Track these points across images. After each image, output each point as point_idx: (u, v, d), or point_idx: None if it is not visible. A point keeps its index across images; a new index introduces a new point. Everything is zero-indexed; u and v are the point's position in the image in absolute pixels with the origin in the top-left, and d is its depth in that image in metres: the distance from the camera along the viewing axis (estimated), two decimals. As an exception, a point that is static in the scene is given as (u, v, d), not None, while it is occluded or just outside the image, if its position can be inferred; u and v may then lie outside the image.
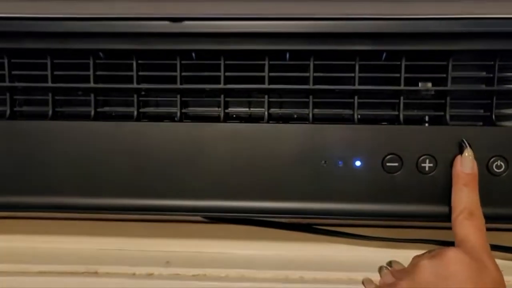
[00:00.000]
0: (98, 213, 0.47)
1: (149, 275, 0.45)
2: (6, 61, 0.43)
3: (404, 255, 0.47)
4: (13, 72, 0.43)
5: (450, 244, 0.46)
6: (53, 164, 0.43)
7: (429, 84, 0.42)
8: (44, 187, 0.43)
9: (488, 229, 0.46)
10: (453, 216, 0.38)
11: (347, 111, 0.43)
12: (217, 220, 0.48)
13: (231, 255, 0.48)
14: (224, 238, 0.48)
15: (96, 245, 0.48)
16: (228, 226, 0.48)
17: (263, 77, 0.42)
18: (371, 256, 0.47)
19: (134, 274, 0.45)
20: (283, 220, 0.48)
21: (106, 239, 0.49)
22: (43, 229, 0.49)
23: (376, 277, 0.44)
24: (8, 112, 0.43)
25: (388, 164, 0.41)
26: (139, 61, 0.43)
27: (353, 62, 0.41)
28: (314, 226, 0.47)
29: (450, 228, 0.47)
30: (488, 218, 0.42)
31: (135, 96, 0.43)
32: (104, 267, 0.46)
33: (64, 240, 0.49)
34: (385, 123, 0.43)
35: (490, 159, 0.41)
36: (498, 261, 0.45)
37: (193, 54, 0.43)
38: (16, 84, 0.43)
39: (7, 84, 0.43)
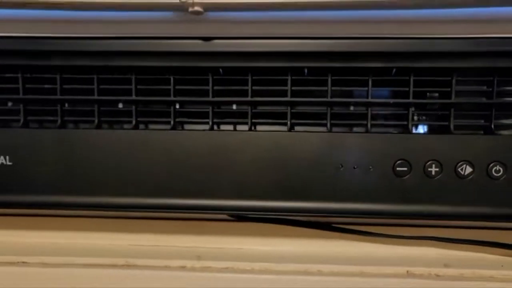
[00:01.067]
0: (138, 212, 0.52)
1: (182, 268, 0.50)
2: (58, 76, 0.48)
3: (412, 252, 0.52)
4: (64, 86, 0.49)
5: (454, 241, 0.51)
6: (97, 168, 0.48)
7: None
8: (90, 188, 0.49)
9: (488, 228, 0.51)
10: None
11: (361, 121, 0.48)
12: (243, 219, 0.53)
13: (255, 250, 0.52)
14: (249, 235, 0.53)
15: (133, 241, 0.53)
16: (253, 224, 0.53)
17: (286, 90, 0.47)
18: (382, 252, 0.52)
19: (167, 266, 0.50)
20: (302, 218, 0.53)
21: (142, 235, 0.54)
22: (85, 226, 0.54)
23: (385, 271, 0.49)
24: (59, 121, 0.49)
25: (398, 168, 0.46)
26: (176, 76, 0.48)
27: (367, 78, 0.46)
28: (332, 225, 0.52)
29: (454, 227, 0.52)
30: (489, 218, 0.47)
31: (172, 107, 0.48)
32: (141, 260, 0.50)
33: (104, 237, 0.54)
34: (395, 131, 0.48)
35: (489, 164, 0.45)
36: (499, 257, 0.50)
37: (221, 70, 0.48)
38: (66, 97, 0.49)
39: (58, 97, 0.48)
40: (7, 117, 0.50)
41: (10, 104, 0.50)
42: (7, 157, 0.48)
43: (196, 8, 0.45)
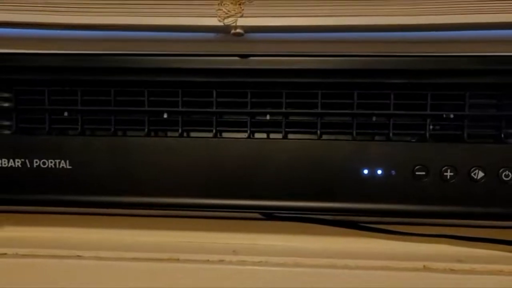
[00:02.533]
0: (181, 211, 0.58)
1: (221, 261, 0.55)
2: (112, 90, 0.54)
3: (429, 249, 0.57)
4: (117, 98, 0.54)
5: (467, 239, 0.56)
6: (146, 171, 0.54)
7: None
8: (140, 189, 0.54)
9: (499, 227, 0.56)
10: None
11: (383, 130, 0.53)
12: (275, 218, 0.58)
13: (286, 246, 0.58)
14: (281, 233, 0.58)
15: (177, 238, 0.59)
16: (284, 223, 0.58)
17: (316, 103, 0.53)
18: (401, 248, 0.57)
19: (208, 260, 0.55)
20: (329, 218, 0.58)
21: (185, 233, 0.59)
22: (135, 224, 0.60)
23: (404, 265, 0.54)
24: (112, 129, 0.55)
25: (417, 173, 0.51)
26: (218, 90, 0.53)
27: (389, 92, 0.52)
28: (357, 224, 0.57)
29: (468, 226, 0.57)
30: (499, 217, 0.52)
31: (214, 118, 0.54)
32: (184, 255, 0.55)
33: (152, 234, 0.59)
34: (414, 140, 0.53)
35: (500, 170, 0.50)
36: (508, 254, 0.54)
37: (257, 84, 0.54)
38: (119, 108, 0.54)
39: (112, 108, 0.54)
40: (66, 126, 0.55)
41: (66, 114, 0.56)
42: (67, 161, 0.54)
43: (238, 30, 0.50)
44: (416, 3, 0.49)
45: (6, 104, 0.54)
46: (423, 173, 0.51)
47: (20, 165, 0.54)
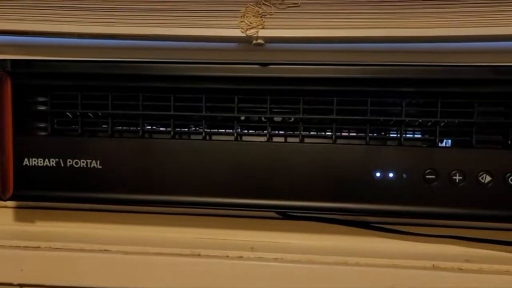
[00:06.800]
0: (205, 209, 0.61)
1: (239, 257, 0.58)
2: (140, 95, 0.58)
3: (438, 248, 0.59)
4: (145, 103, 0.58)
5: (475, 240, 0.59)
6: (171, 171, 0.57)
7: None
8: (165, 188, 0.57)
9: (505, 229, 0.59)
10: None
11: (395, 135, 0.56)
12: (291, 217, 0.62)
13: (301, 244, 0.61)
14: (296, 231, 0.62)
15: (198, 235, 0.62)
16: (299, 222, 0.61)
17: (332, 109, 0.56)
18: (412, 248, 0.59)
19: (228, 256, 0.58)
20: (342, 217, 0.61)
21: (206, 230, 0.63)
22: (159, 221, 0.64)
23: (414, 264, 0.56)
24: (140, 132, 0.58)
25: (427, 176, 0.54)
26: (239, 96, 0.57)
27: (401, 99, 0.54)
28: (369, 224, 0.60)
29: (475, 228, 0.59)
30: (506, 220, 0.54)
31: (235, 122, 0.57)
32: (205, 250, 0.59)
33: (174, 231, 0.63)
34: (425, 145, 0.56)
35: (507, 174, 0.53)
36: (506, 254, 0.56)
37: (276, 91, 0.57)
38: (146, 112, 0.58)
39: (140, 112, 0.58)
40: (97, 128, 0.59)
41: (97, 117, 0.60)
42: (98, 162, 0.58)
43: (259, 41, 0.54)
44: (427, 16, 0.52)
45: (42, 108, 0.59)
46: (433, 176, 0.54)
47: (54, 165, 0.58)
